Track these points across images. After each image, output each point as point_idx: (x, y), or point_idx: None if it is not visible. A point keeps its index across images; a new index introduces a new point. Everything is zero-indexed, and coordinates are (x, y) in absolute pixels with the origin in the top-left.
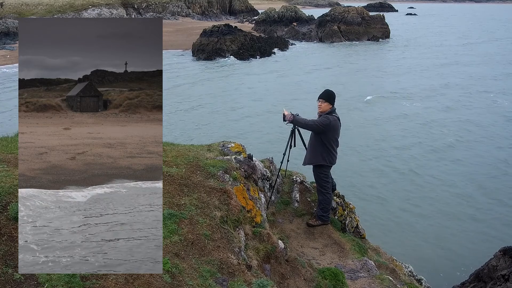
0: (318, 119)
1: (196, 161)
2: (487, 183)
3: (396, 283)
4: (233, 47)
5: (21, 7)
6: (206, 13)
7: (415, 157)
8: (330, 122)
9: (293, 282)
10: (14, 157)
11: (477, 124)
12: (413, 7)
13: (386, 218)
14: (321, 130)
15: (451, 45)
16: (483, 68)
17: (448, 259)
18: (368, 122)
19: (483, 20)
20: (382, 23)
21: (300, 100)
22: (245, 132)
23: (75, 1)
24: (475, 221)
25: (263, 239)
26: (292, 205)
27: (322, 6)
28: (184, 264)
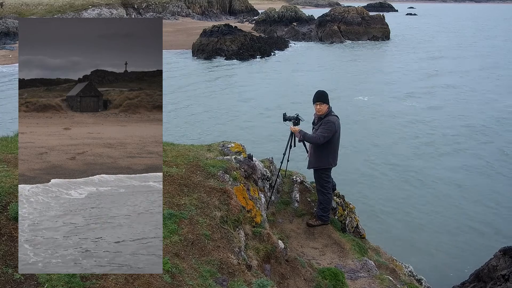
0: (324, 129)
1: (196, 161)
2: (487, 182)
3: (396, 283)
4: (233, 47)
5: (21, 7)
6: (206, 13)
7: (415, 156)
8: (335, 125)
9: (293, 282)
10: (14, 157)
11: (478, 123)
12: (413, 7)
13: (386, 218)
14: (331, 136)
15: (451, 45)
16: (483, 69)
17: (448, 259)
18: (368, 122)
19: (483, 20)
20: (382, 23)
21: (300, 100)
22: (245, 132)
23: (75, 1)
24: (475, 221)
25: (263, 239)
26: (292, 205)
27: (322, 6)
28: (184, 264)
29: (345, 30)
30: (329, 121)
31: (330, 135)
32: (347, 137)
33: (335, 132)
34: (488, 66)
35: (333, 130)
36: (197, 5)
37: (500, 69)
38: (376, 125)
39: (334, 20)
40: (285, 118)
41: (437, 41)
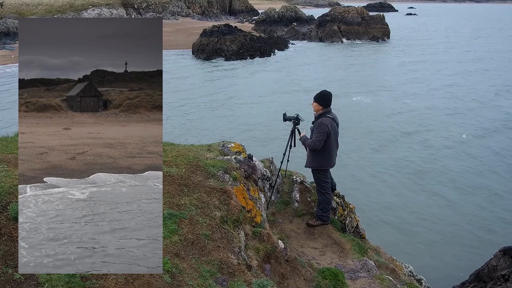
0: (317, 133)
1: (196, 161)
2: (487, 182)
3: (396, 283)
4: (233, 47)
5: (21, 7)
6: (206, 13)
7: (415, 156)
8: (328, 127)
9: (293, 282)
10: (14, 157)
11: (478, 123)
12: (413, 7)
13: (386, 218)
14: (326, 138)
15: (452, 45)
16: (483, 68)
17: (448, 259)
18: (368, 122)
19: (483, 21)
20: (382, 23)
21: (300, 99)
22: (245, 132)
23: (75, 1)
24: (475, 221)
25: (263, 239)
26: (292, 205)
27: (322, 6)
28: (184, 264)
29: (345, 30)
30: (321, 123)
31: (324, 137)
32: (347, 137)
33: (329, 134)
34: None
35: (325, 133)
36: (197, 5)
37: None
38: (376, 125)
39: (334, 20)
40: (285, 118)
41: (437, 41)
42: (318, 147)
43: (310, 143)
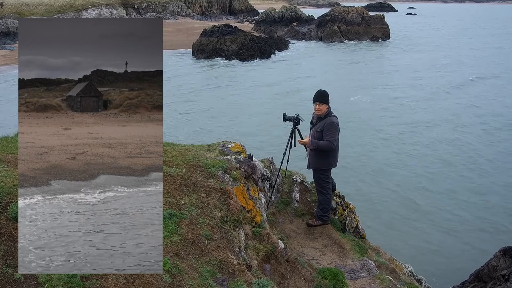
0: (331, 133)
1: (196, 161)
2: (487, 182)
3: (396, 283)
4: (233, 47)
5: (21, 7)
6: (206, 13)
7: (415, 156)
8: (338, 126)
9: (293, 282)
10: (14, 157)
11: (477, 123)
12: (413, 7)
13: (386, 218)
14: (337, 139)
15: (452, 46)
16: (482, 68)
17: (448, 259)
18: (368, 121)
19: (483, 21)
20: (382, 23)
21: (300, 99)
22: (245, 132)
23: (75, 1)
24: (475, 220)
25: (263, 239)
26: (292, 205)
27: (322, 6)
28: (184, 264)
29: (345, 30)
30: (332, 122)
31: (337, 136)
32: (347, 136)
33: (339, 132)
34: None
35: (338, 131)
36: (197, 5)
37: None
38: (376, 125)
39: (334, 20)
40: (285, 118)
41: (437, 41)
42: (334, 147)
43: (326, 144)
